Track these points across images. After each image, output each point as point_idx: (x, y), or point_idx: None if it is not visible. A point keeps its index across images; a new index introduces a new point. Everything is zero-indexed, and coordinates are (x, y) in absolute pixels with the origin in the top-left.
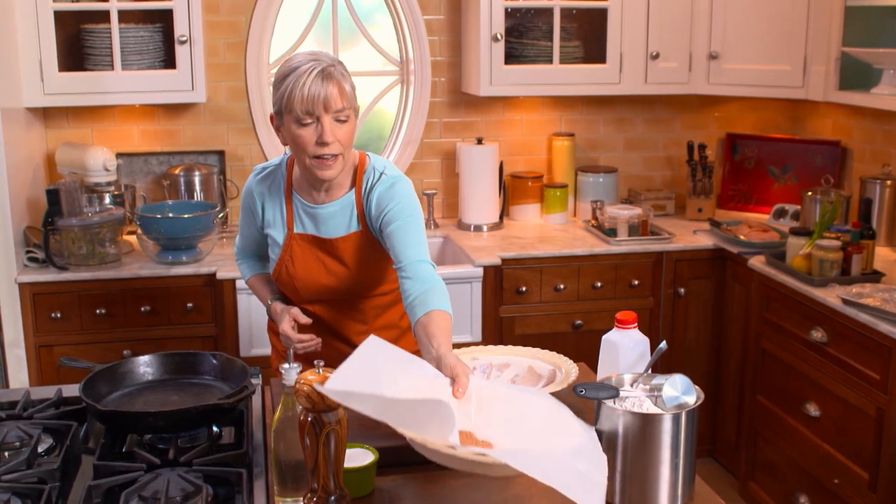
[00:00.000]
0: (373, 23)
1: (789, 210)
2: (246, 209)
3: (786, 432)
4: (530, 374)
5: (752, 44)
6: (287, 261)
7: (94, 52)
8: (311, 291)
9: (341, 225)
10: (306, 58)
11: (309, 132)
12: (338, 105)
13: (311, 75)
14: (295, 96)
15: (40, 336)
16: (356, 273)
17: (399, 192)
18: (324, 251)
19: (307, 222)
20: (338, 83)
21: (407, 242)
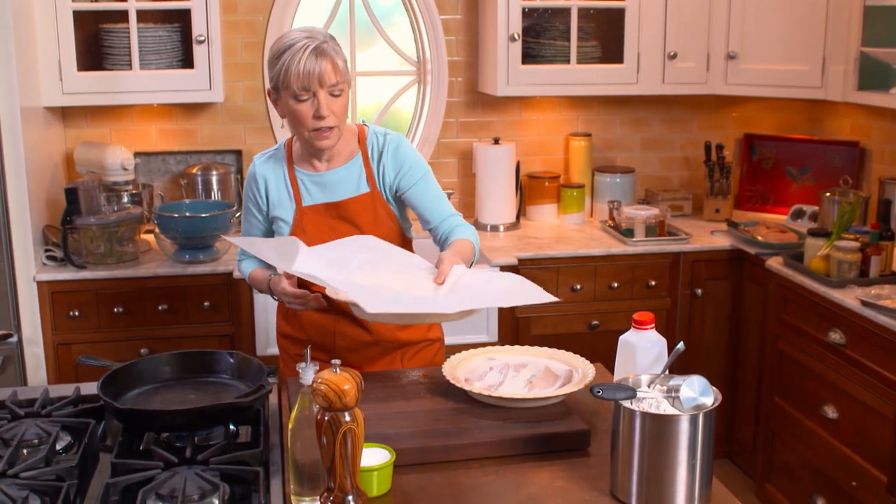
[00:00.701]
0: (390, 23)
1: (807, 211)
2: (249, 200)
3: (803, 434)
4: (547, 375)
5: (770, 44)
6: (299, 233)
7: (112, 51)
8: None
9: (349, 188)
10: (300, 35)
11: (306, 107)
12: (332, 80)
13: (305, 52)
14: (291, 73)
15: (58, 334)
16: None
17: (408, 151)
18: (335, 216)
19: (315, 192)
20: (331, 59)
21: (431, 202)
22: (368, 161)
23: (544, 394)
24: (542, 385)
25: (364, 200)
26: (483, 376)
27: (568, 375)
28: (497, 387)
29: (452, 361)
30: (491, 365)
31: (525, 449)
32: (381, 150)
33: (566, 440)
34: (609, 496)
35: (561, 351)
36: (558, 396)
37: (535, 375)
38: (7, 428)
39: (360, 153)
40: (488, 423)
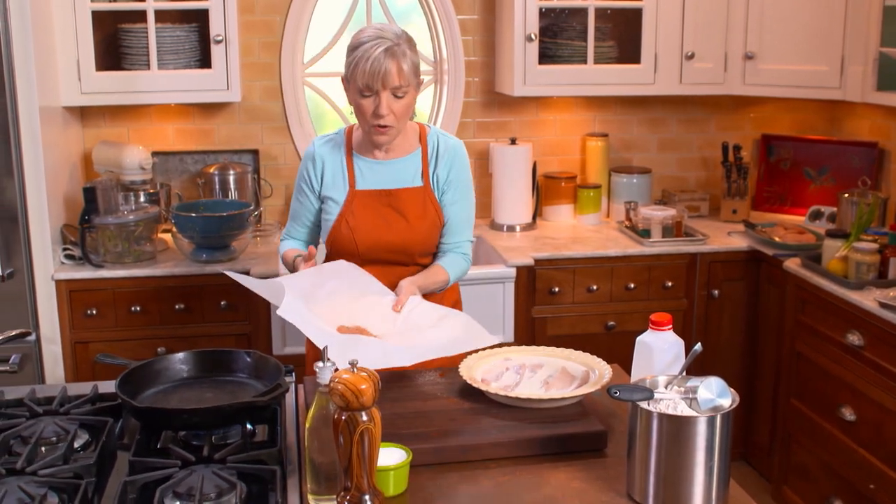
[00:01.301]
0: (407, 23)
1: (825, 212)
2: (303, 179)
3: (820, 436)
4: (563, 375)
5: (788, 44)
6: (348, 215)
7: (130, 51)
8: (368, 245)
9: (404, 179)
10: (374, 33)
11: (368, 103)
12: (395, 83)
13: (374, 52)
14: (358, 71)
15: (76, 332)
16: (413, 227)
17: (464, 163)
18: (385, 204)
19: (370, 177)
20: (397, 62)
21: (456, 223)
22: (427, 158)
23: (561, 394)
24: (558, 386)
25: (416, 193)
26: (499, 377)
27: (584, 376)
28: (513, 387)
29: (469, 362)
30: (507, 365)
31: (542, 449)
32: (440, 150)
33: (583, 441)
34: (626, 497)
35: (577, 352)
36: (575, 397)
37: (551, 376)
38: (26, 426)
39: (420, 149)
40: (505, 424)
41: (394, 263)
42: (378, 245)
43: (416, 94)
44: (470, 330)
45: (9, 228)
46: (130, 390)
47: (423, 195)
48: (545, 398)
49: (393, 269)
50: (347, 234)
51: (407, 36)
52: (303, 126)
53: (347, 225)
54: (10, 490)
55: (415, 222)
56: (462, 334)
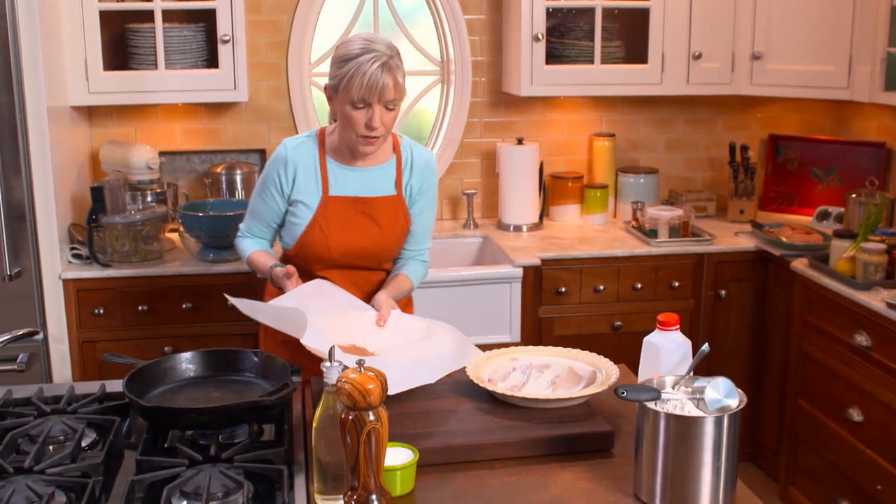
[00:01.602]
0: (414, 22)
1: (833, 212)
2: (270, 181)
3: (827, 437)
4: (570, 375)
5: (795, 44)
6: (321, 220)
7: (138, 51)
8: (340, 251)
9: (378, 187)
10: (367, 45)
11: (360, 115)
12: (390, 97)
13: (371, 66)
14: (354, 84)
15: (83, 332)
16: (384, 234)
17: (434, 175)
18: (359, 211)
19: (343, 183)
20: (394, 76)
21: (421, 231)
22: (401, 168)
23: (568, 394)
24: (565, 386)
25: (389, 201)
26: (506, 377)
27: (591, 376)
28: (520, 387)
29: (476, 362)
30: (514, 365)
31: (548, 450)
32: (414, 162)
33: (590, 441)
34: (633, 498)
35: (584, 352)
36: (582, 397)
37: (558, 376)
38: (33, 424)
39: (395, 159)
40: (511, 424)
41: (361, 268)
42: (350, 251)
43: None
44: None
45: (16, 227)
46: (138, 389)
47: (395, 203)
48: (552, 398)
49: (359, 273)
50: (321, 240)
51: (396, 49)
52: (310, 125)
53: (321, 230)
54: (18, 489)
55: (387, 230)
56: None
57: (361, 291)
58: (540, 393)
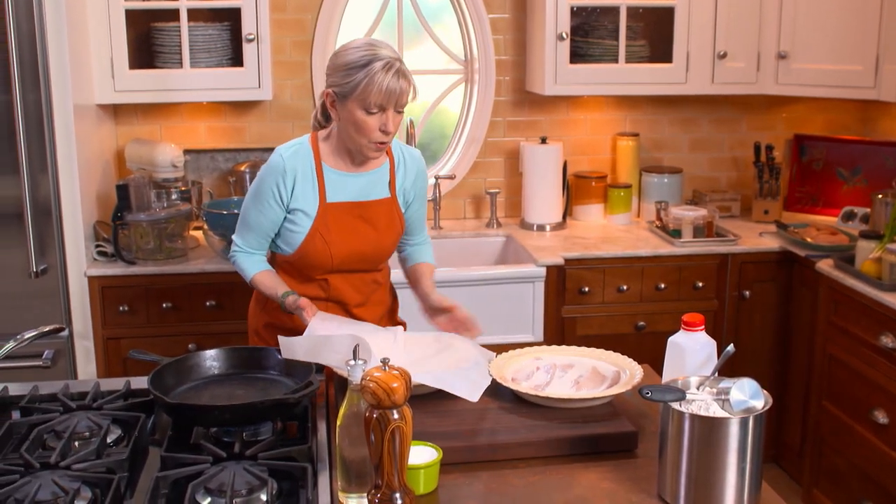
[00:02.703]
0: (438, 21)
1: (858, 213)
2: (266, 192)
3: (852, 439)
4: (594, 375)
5: (822, 43)
6: (322, 228)
7: (163, 49)
8: (342, 257)
9: (375, 191)
10: (374, 52)
11: (374, 120)
12: (405, 100)
13: (387, 74)
14: (371, 91)
15: (108, 329)
16: (381, 237)
17: (424, 169)
18: (357, 216)
19: (340, 190)
20: (409, 82)
21: (420, 221)
22: (394, 170)
23: (592, 394)
24: (589, 386)
25: (385, 204)
26: (530, 376)
27: (615, 376)
28: (544, 387)
29: (499, 361)
30: (538, 365)
31: (572, 449)
32: (407, 163)
33: (613, 441)
34: (656, 498)
35: (608, 352)
36: (606, 397)
37: (582, 376)
38: (59, 420)
39: (388, 161)
40: (535, 423)
41: (360, 271)
42: (351, 256)
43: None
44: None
45: (42, 225)
46: (162, 386)
47: (390, 206)
48: (576, 398)
49: (357, 275)
50: (322, 247)
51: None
52: None
53: (322, 238)
54: (44, 484)
55: (384, 232)
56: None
57: (359, 293)
58: (563, 393)
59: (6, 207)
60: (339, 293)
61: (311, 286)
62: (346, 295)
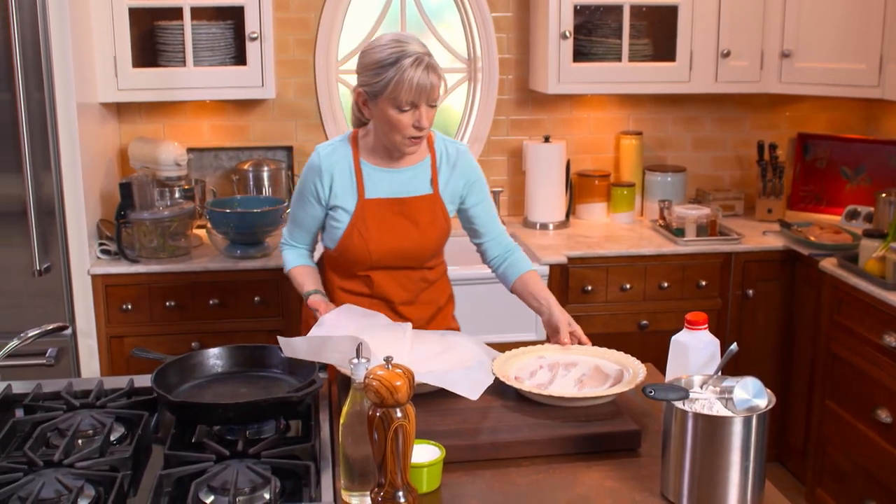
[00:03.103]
0: (441, 20)
1: (862, 212)
2: (307, 190)
3: (856, 438)
4: (597, 374)
5: (825, 42)
6: (360, 225)
7: (166, 48)
8: (380, 254)
9: (414, 187)
10: (403, 48)
11: (407, 117)
12: (437, 95)
13: (417, 70)
14: (402, 88)
15: (111, 327)
16: (423, 234)
17: (475, 164)
18: (397, 213)
19: (380, 186)
20: (438, 75)
21: (489, 219)
22: (436, 165)
23: (595, 393)
24: (592, 384)
25: (426, 200)
26: (533, 374)
27: (618, 375)
28: (547, 385)
29: (502, 359)
30: (541, 363)
31: (575, 448)
32: (449, 157)
33: (617, 440)
34: (660, 497)
35: (611, 350)
36: (609, 396)
37: (585, 375)
38: (63, 418)
39: (430, 157)
40: (538, 422)
41: (405, 268)
42: (390, 253)
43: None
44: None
45: (46, 223)
46: (166, 385)
47: (432, 202)
48: (579, 396)
49: (402, 272)
50: (360, 244)
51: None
52: (337, 123)
53: (360, 234)
54: (47, 482)
55: (426, 229)
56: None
57: (406, 291)
58: (566, 391)
59: (10, 206)
60: (384, 290)
61: (356, 282)
62: (391, 292)
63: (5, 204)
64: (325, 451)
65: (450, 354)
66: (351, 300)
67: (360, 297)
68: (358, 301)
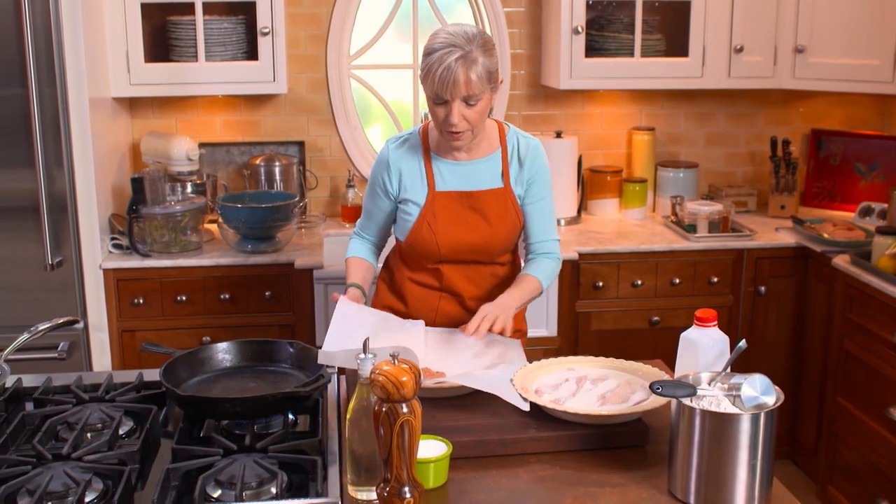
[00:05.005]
0: (453, 14)
1: (876, 208)
2: (376, 183)
3: (867, 436)
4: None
5: (839, 37)
6: (429, 217)
7: (179, 43)
8: (449, 247)
9: (484, 180)
10: (446, 39)
11: (440, 110)
12: (464, 93)
13: (443, 63)
14: (429, 79)
15: (123, 321)
16: (493, 228)
17: (544, 162)
18: (466, 206)
19: (450, 179)
20: (466, 72)
21: (540, 222)
22: (507, 159)
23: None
24: (614, 401)
25: (497, 194)
26: (557, 387)
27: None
28: (568, 398)
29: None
30: (568, 376)
31: (582, 444)
32: (520, 151)
33: (624, 436)
34: (667, 494)
35: (647, 366)
36: (628, 415)
37: (610, 391)
38: (72, 412)
39: (500, 150)
40: (545, 419)
41: (474, 263)
42: (459, 246)
43: (493, 96)
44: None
45: (58, 218)
46: (174, 379)
47: (503, 196)
48: (593, 414)
49: (472, 267)
50: (429, 237)
51: (482, 38)
52: (348, 118)
53: (429, 227)
54: (56, 475)
55: (496, 223)
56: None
57: (475, 286)
58: (585, 407)
59: (22, 200)
60: (453, 284)
61: (425, 275)
62: (461, 286)
63: (18, 198)
64: (333, 445)
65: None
66: (420, 293)
67: (429, 290)
68: (426, 294)
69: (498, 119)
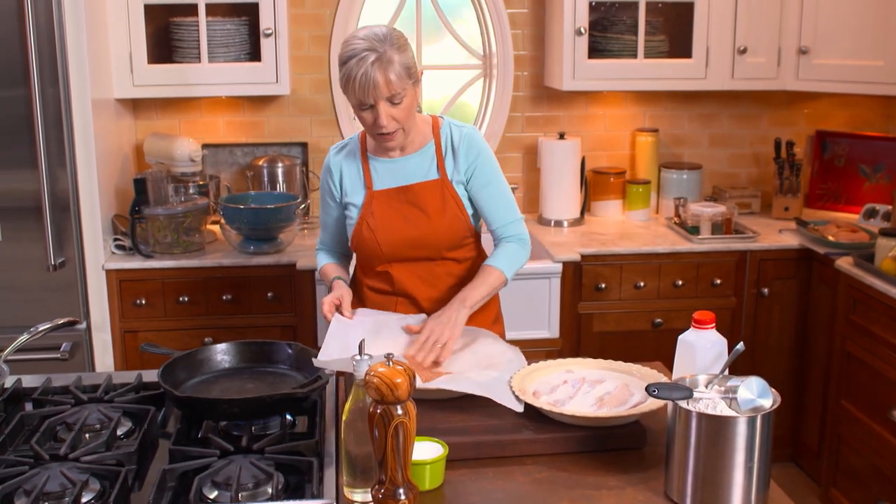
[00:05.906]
0: (457, 16)
1: (880, 210)
2: (325, 191)
3: (871, 439)
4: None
5: (843, 38)
6: (368, 217)
7: (182, 44)
8: (390, 244)
9: (419, 173)
10: (358, 46)
11: (368, 115)
12: (386, 94)
13: (361, 67)
14: (350, 88)
15: (126, 321)
16: (433, 221)
17: (481, 147)
18: (404, 201)
19: (386, 177)
20: (384, 73)
21: (495, 206)
22: (441, 150)
23: (611, 413)
24: (613, 403)
25: (433, 186)
26: (554, 390)
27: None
28: (566, 401)
29: (524, 372)
30: (566, 378)
31: (579, 447)
32: (454, 141)
33: (621, 439)
34: (663, 497)
35: (644, 368)
36: (624, 418)
37: (608, 393)
38: (71, 412)
39: (433, 141)
40: (542, 420)
41: (420, 259)
42: (399, 241)
43: (417, 90)
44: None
45: (61, 218)
46: (173, 380)
47: (440, 187)
48: (590, 416)
49: (421, 265)
50: (369, 236)
51: (393, 36)
52: (351, 119)
53: (368, 226)
54: (52, 475)
55: (435, 216)
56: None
57: (430, 286)
58: (583, 410)
59: (25, 201)
60: (405, 286)
61: (378, 279)
62: (413, 288)
63: (21, 199)
64: (330, 447)
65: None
66: (377, 298)
67: (384, 295)
68: (383, 299)
69: (434, 114)
